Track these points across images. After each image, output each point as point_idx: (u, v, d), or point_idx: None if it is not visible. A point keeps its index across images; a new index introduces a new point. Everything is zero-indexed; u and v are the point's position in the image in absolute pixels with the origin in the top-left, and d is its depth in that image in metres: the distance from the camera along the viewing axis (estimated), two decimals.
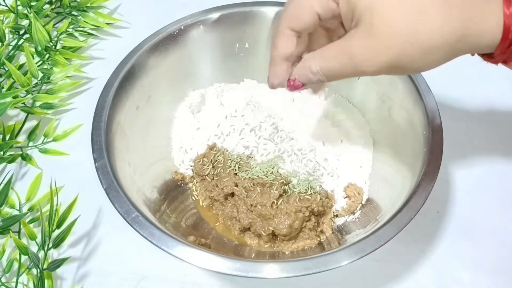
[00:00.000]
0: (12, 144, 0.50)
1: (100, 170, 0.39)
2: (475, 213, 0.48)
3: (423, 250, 0.46)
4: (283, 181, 0.44)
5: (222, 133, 0.49)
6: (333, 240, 0.44)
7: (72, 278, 0.44)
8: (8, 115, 0.55)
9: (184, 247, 0.35)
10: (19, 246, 0.42)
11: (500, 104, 0.57)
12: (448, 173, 0.51)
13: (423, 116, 0.42)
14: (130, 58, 0.46)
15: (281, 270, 0.34)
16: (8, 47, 0.59)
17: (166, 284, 0.44)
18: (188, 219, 0.45)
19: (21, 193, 0.48)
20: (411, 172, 0.40)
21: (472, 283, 0.44)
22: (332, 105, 0.52)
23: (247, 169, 0.45)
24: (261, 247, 0.44)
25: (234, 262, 0.34)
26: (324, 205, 0.44)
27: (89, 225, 0.47)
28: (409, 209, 0.37)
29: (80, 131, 0.54)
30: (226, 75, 0.54)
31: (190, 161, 0.49)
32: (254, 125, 0.49)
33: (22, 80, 0.52)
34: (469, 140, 0.54)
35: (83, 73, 0.58)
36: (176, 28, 0.49)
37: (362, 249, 0.35)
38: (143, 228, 0.36)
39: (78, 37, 0.61)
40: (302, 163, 0.46)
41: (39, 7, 0.60)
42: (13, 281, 0.42)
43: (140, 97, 0.47)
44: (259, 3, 0.51)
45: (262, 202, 0.42)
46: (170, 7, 0.66)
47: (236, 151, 0.47)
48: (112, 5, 0.66)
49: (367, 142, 0.49)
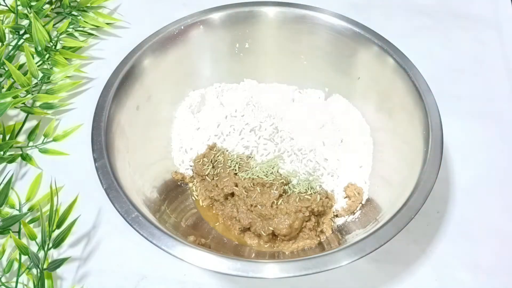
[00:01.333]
0: (12, 144, 0.50)
1: (100, 170, 0.39)
2: (475, 213, 0.48)
3: (423, 250, 0.46)
4: (283, 181, 0.44)
5: (222, 133, 0.49)
6: (333, 240, 0.44)
7: (72, 278, 0.44)
8: (8, 115, 0.55)
9: (184, 247, 0.35)
10: (19, 246, 0.42)
11: (500, 104, 0.57)
12: (448, 173, 0.51)
13: (423, 116, 0.42)
14: (130, 58, 0.46)
15: (281, 270, 0.34)
16: (8, 47, 0.59)
17: (166, 284, 0.44)
18: (188, 219, 0.45)
19: (21, 193, 0.48)
20: (411, 172, 0.40)
21: (472, 283, 0.44)
22: (332, 105, 0.52)
23: (247, 169, 0.45)
24: (261, 247, 0.44)
25: (234, 262, 0.34)
26: (324, 205, 0.44)
27: (89, 225, 0.47)
28: (409, 209, 0.37)
29: (80, 131, 0.54)
30: (226, 75, 0.54)
31: (190, 161, 0.49)
32: (254, 125, 0.49)
33: (22, 80, 0.52)
34: (469, 140, 0.54)
35: (83, 73, 0.58)
36: (176, 28, 0.49)
37: (362, 249, 0.35)
38: (143, 228, 0.36)
39: (78, 37, 0.62)
40: (302, 163, 0.46)
41: (39, 7, 0.60)
42: (13, 281, 0.42)
43: (140, 97, 0.47)
44: (259, 3, 0.51)
45: (262, 202, 0.42)
46: (170, 7, 0.66)
47: (236, 151, 0.47)
48: (112, 5, 0.66)
49: (367, 142, 0.49)
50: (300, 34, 0.51)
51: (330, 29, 0.49)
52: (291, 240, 0.43)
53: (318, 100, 0.53)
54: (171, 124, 0.51)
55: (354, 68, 0.50)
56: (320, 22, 0.49)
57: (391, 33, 0.49)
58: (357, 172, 0.48)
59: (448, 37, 0.63)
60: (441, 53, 0.61)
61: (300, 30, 0.50)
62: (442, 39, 0.63)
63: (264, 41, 0.52)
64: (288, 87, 0.54)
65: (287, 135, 0.48)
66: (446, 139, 0.41)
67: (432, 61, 0.60)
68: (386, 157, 0.47)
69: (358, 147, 0.49)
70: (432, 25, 0.65)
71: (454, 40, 0.63)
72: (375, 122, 0.50)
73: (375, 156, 0.49)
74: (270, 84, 0.55)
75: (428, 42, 0.63)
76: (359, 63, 0.49)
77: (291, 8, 0.50)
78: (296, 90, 0.54)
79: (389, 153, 0.47)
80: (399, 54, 0.46)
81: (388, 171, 0.46)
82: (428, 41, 0.63)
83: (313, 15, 0.50)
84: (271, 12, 0.50)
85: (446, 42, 0.63)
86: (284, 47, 0.52)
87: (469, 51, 0.62)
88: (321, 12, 0.50)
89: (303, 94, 0.54)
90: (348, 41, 0.49)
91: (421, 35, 0.64)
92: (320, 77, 0.53)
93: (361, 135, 0.50)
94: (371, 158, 0.49)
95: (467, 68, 0.60)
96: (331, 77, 0.52)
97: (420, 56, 0.48)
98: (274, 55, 0.53)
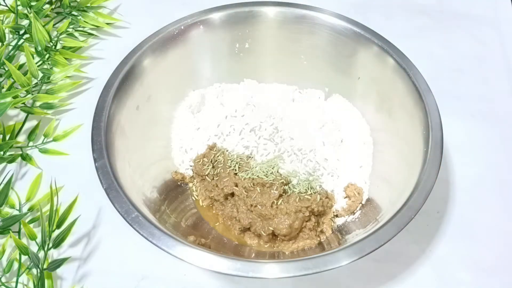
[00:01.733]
0: (12, 144, 0.50)
1: (100, 170, 0.39)
2: (475, 213, 0.48)
3: (423, 250, 0.46)
4: (283, 181, 0.44)
5: (222, 133, 0.49)
6: (333, 240, 0.44)
7: (72, 278, 0.44)
8: (8, 115, 0.55)
9: (184, 247, 0.35)
10: (19, 246, 0.42)
11: (500, 104, 0.57)
12: (448, 173, 0.51)
13: (423, 116, 0.42)
14: (130, 58, 0.46)
15: (281, 270, 0.34)
16: (8, 47, 0.59)
17: (166, 284, 0.44)
18: (188, 219, 0.45)
19: (21, 193, 0.48)
20: (411, 172, 0.40)
21: (472, 283, 0.44)
22: (332, 105, 0.52)
23: (247, 169, 0.45)
24: (261, 247, 0.44)
25: (234, 262, 0.34)
26: (324, 205, 0.44)
27: (89, 225, 0.47)
28: (409, 209, 0.37)
29: (80, 131, 0.54)
30: (226, 75, 0.54)
31: (190, 161, 0.49)
32: (254, 125, 0.49)
33: (22, 80, 0.52)
34: (469, 140, 0.54)
35: (83, 73, 0.58)
36: (176, 28, 0.49)
37: (362, 249, 0.35)
38: (143, 228, 0.36)
39: (78, 37, 0.61)
40: (302, 163, 0.46)
41: (39, 7, 0.60)
42: (13, 281, 0.42)
43: (140, 97, 0.47)
44: (259, 3, 0.51)
45: (262, 202, 0.42)
46: (170, 7, 0.66)
47: (236, 151, 0.47)
48: (112, 5, 0.66)
49: (367, 142, 0.49)
50: (300, 34, 0.51)
51: (330, 29, 0.49)
52: (291, 240, 0.43)
53: (318, 100, 0.53)
54: (171, 124, 0.51)
55: (354, 68, 0.50)
56: (320, 22, 0.49)
57: (391, 33, 0.49)
58: (357, 172, 0.48)
59: (448, 37, 0.63)
60: (441, 53, 0.61)
61: (300, 30, 0.50)
62: (442, 39, 0.63)
63: (264, 41, 0.52)
64: (288, 87, 0.54)
65: (287, 135, 0.48)
66: (446, 139, 0.41)
67: (432, 61, 0.60)
68: (386, 157, 0.47)
69: (358, 147, 0.49)
70: (432, 25, 0.65)
71: (454, 40, 0.63)
72: (375, 122, 0.50)
73: (375, 156, 0.49)
74: (270, 84, 0.55)
75: (428, 42, 0.63)
76: (359, 63, 0.49)
77: (291, 8, 0.50)
78: (296, 90, 0.54)
79: (389, 153, 0.47)
80: (399, 54, 0.46)
81: (388, 171, 0.46)
82: (428, 41, 0.63)
83: (313, 15, 0.50)
84: (271, 12, 0.50)
85: (446, 42, 0.63)
86: (284, 47, 0.52)
87: (469, 51, 0.62)
88: (321, 12, 0.50)
89: (303, 94, 0.54)
90: (348, 41, 0.49)
91: (421, 35, 0.64)
92: (320, 77, 0.53)
93: (361, 135, 0.50)
94: (371, 158, 0.49)
95: (467, 68, 0.60)
96: (331, 77, 0.52)
97: (420, 56, 0.48)
98: (274, 55, 0.53)
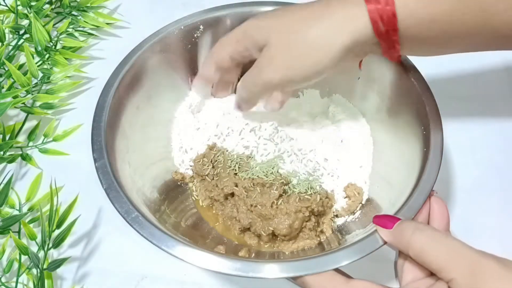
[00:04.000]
0: (12, 144, 0.50)
1: (100, 170, 0.39)
2: (475, 213, 0.48)
3: None
4: (283, 181, 0.44)
5: (222, 133, 0.49)
6: (333, 240, 0.44)
7: (72, 278, 0.44)
8: (8, 115, 0.55)
9: (184, 247, 0.35)
10: (19, 246, 0.42)
11: (500, 104, 0.57)
12: (448, 174, 0.51)
13: (423, 116, 0.42)
14: (130, 58, 0.46)
15: (281, 270, 0.34)
16: (8, 47, 0.59)
17: (166, 284, 0.44)
18: (188, 219, 0.45)
19: (21, 193, 0.48)
20: (411, 172, 0.40)
21: None
22: (332, 105, 0.52)
23: (247, 169, 0.45)
24: (261, 247, 0.44)
25: (234, 262, 0.34)
26: (324, 205, 0.44)
27: (89, 225, 0.47)
28: (409, 209, 0.37)
29: (80, 131, 0.54)
30: None
31: (190, 161, 0.49)
32: (254, 125, 0.49)
33: (22, 80, 0.52)
34: (469, 140, 0.54)
35: (83, 73, 0.58)
36: (176, 28, 0.49)
37: (362, 249, 0.35)
38: (143, 228, 0.36)
39: (78, 37, 0.61)
40: (302, 163, 0.46)
41: (39, 7, 0.60)
42: (13, 281, 0.42)
43: (140, 97, 0.47)
44: (259, 3, 0.50)
45: (262, 202, 0.42)
46: (170, 7, 0.66)
47: (236, 151, 0.47)
48: (112, 5, 0.66)
49: (367, 142, 0.49)
50: None
51: None
52: (291, 240, 0.43)
53: (318, 100, 0.53)
54: (171, 124, 0.51)
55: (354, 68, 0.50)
56: None
57: None
58: (357, 172, 0.48)
59: None
60: None
61: None
62: None
63: None
64: None
65: (287, 135, 0.48)
66: (446, 139, 0.41)
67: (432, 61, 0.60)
68: (386, 157, 0.47)
69: (358, 147, 0.49)
70: None
71: None
72: (375, 122, 0.50)
73: (375, 156, 0.49)
74: None
75: None
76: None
77: None
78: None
79: (389, 153, 0.47)
80: None
81: (388, 171, 0.46)
82: None
83: None
84: None
85: None
86: None
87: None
88: None
89: (303, 94, 0.54)
90: None
91: None
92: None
93: (361, 135, 0.50)
94: (371, 158, 0.49)
95: (467, 68, 0.60)
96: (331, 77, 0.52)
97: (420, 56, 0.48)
98: None
